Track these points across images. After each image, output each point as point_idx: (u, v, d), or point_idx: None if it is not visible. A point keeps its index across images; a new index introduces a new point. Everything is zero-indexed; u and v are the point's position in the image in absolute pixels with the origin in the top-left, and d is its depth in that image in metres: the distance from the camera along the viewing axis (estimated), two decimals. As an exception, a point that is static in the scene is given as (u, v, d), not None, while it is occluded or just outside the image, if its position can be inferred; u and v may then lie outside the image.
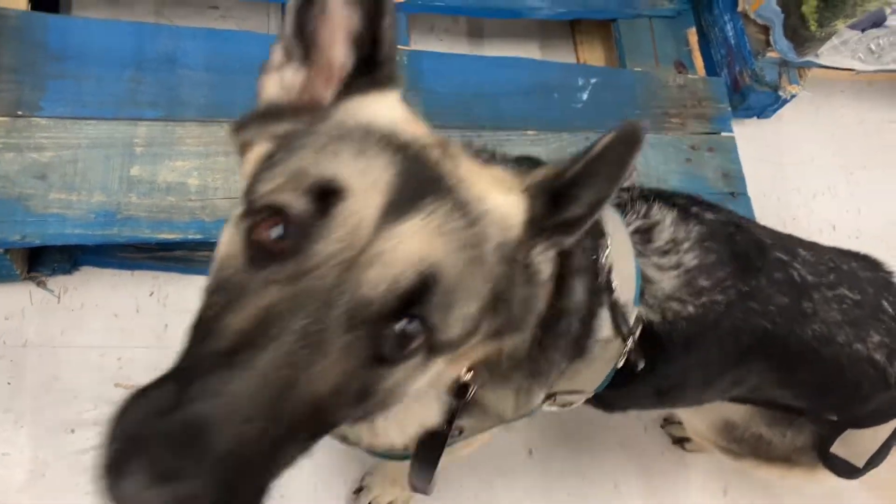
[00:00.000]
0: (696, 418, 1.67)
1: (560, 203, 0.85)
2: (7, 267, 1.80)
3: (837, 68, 2.34)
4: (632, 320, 1.16)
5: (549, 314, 1.03)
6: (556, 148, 2.07)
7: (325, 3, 0.84)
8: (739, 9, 2.39)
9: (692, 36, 2.43)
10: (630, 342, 1.16)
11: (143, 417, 0.63)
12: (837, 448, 1.42)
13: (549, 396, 1.25)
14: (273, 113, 0.88)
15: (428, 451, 1.09)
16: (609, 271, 1.14)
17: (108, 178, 1.77)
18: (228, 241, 0.79)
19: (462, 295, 0.76)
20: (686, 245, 1.22)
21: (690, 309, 1.20)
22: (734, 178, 2.18)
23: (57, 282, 1.94)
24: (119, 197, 1.76)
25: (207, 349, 0.68)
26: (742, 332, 1.24)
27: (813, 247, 1.40)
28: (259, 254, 0.74)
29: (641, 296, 1.17)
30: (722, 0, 2.46)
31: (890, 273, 1.42)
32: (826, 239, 2.56)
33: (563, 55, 2.55)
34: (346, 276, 0.70)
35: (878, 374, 1.31)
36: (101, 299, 1.96)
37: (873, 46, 2.30)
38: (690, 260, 1.21)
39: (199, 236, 1.78)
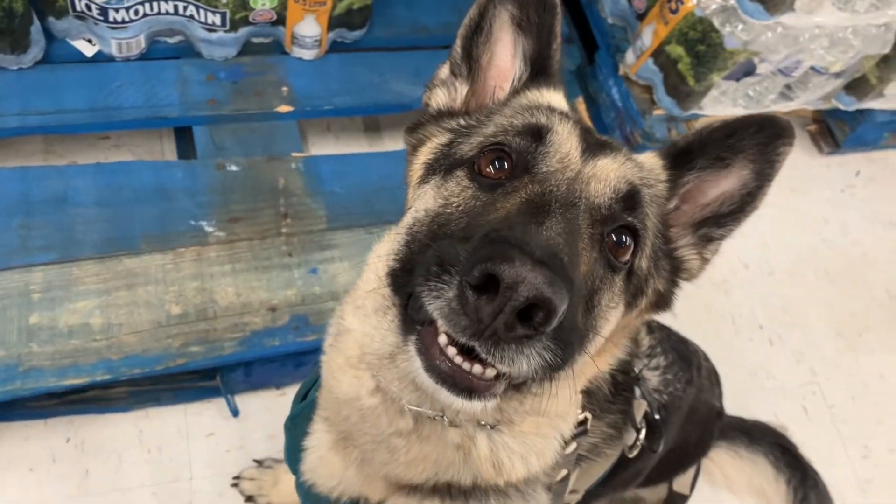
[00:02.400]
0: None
1: (678, 164, 1.01)
2: None
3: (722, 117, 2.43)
4: (640, 414, 1.27)
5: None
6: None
7: (490, 32, 1.06)
8: (621, 73, 2.48)
9: (580, 104, 2.51)
10: (643, 432, 1.27)
11: (496, 233, 0.75)
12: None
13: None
14: (445, 114, 1.08)
15: None
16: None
17: (6, 331, 1.71)
18: (436, 196, 0.94)
19: (648, 228, 0.93)
20: (658, 349, 1.42)
21: (665, 397, 1.39)
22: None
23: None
24: (19, 349, 1.70)
25: (486, 228, 0.78)
26: (685, 407, 1.46)
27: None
28: (487, 181, 0.91)
29: None
30: (604, 66, 2.55)
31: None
32: (740, 278, 2.65)
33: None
34: (573, 187, 0.87)
35: (716, 412, 1.65)
36: (15, 454, 1.87)
37: (751, 92, 2.40)
38: (662, 361, 1.42)
39: (107, 377, 1.73)
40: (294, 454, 1.22)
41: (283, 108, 2.15)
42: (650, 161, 1.02)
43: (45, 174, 1.92)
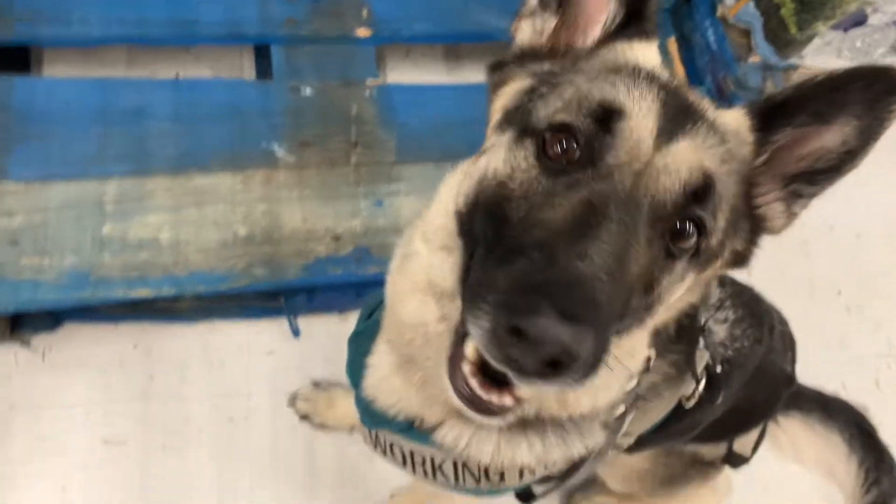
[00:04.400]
0: (617, 476, 1.81)
1: (772, 124, 0.93)
2: (-16, 331, 1.80)
3: (815, 69, 2.27)
4: (702, 364, 1.24)
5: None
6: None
7: None
8: (718, 14, 2.33)
9: (672, 45, 2.38)
10: (702, 383, 1.24)
11: (524, 274, 0.72)
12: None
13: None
14: (529, 54, 1.00)
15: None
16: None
17: (80, 240, 1.76)
18: (505, 159, 0.89)
19: (724, 202, 0.87)
20: (728, 302, 1.36)
21: (730, 352, 1.34)
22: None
23: (41, 340, 1.94)
24: (91, 258, 1.75)
25: (540, 235, 0.78)
26: (750, 366, 1.40)
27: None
28: (549, 164, 0.86)
29: None
30: (701, 6, 2.40)
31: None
32: (823, 240, 2.52)
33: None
34: (640, 182, 0.82)
35: (786, 377, 1.57)
36: (85, 355, 1.96)
37: (859, 44, 2.23)
38: (731, 315, 1.36)
39: (173, 292, 1.78)
40: (356, 369, 1.24)
41: (362, 32, 2.10)
42: (737, 121, 0.94)
43: (124, 86, 1.94)
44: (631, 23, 0.98)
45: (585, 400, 1.04)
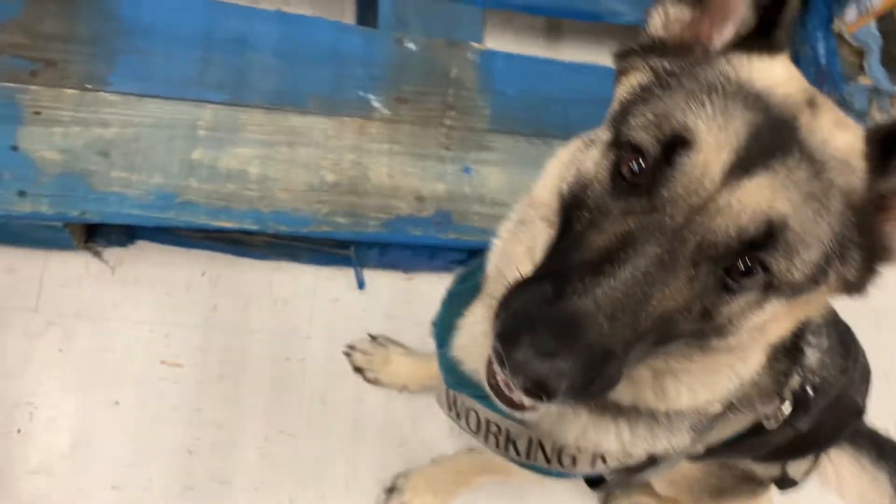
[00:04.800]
0: (665, 480, 1.78)
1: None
2: (65, 237, 1.81)
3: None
4: (792, 385, 1.22)
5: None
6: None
7: None
8: (834, 28, 2.26)
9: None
10: (788, 405, 1.23)
11: (530, 303, 0.78)
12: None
13: None
14: (655, 47, 0.96)
15: None
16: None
17: (170, 160, 1.76)
18: (596, 162, 0.89)
19: (804, 242, 0.81)
20: (823, 329, 1.30)
21: (817, 379, 1.29)
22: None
23: (112, 254, 1.96)
24: (179, 180, 1.75)
25: (577, 259, 0.81)
26: (832, 394, 1.36)
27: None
28: (620, 183, 0.85)
29: None
30: (816, 17, 2.33)
31: None
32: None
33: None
34: (693, 219, 0.79)
35: (857, 409, 1.51)
36: (154, 275, 1.97)
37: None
38: (825, 342, 1.30)
39: (255, 226, 1.77)
40: (445, 329, 1.24)
41: (475, -7, 2.06)
42: (849, 147, 0.86)
43: (229, 11, 1.92)
44: (760, 32, 0.92)
45: (686, 396, 1.03)
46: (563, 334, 0.74)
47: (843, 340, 1.39)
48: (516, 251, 1.07)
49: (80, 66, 1.77)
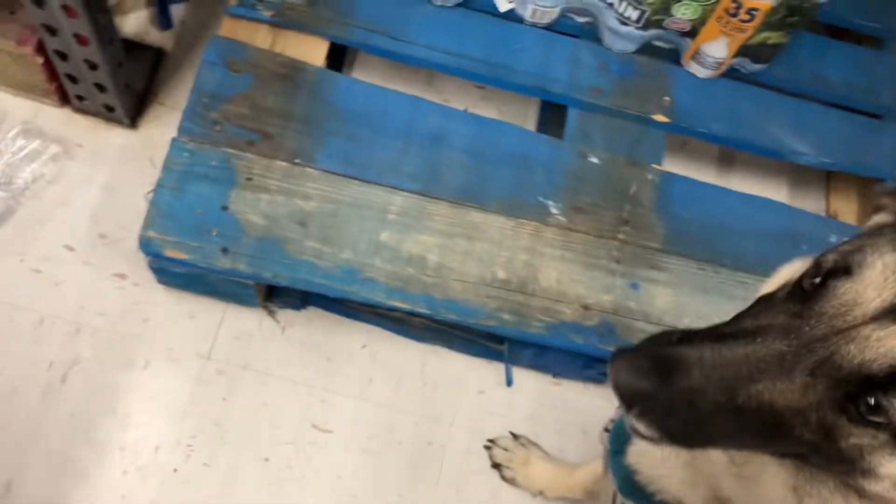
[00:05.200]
0: None
1: None
2: (250, 294, 1.95)
3: None
4: None
5: None
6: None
7: None
8: None
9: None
10: None
11: (653, 339, 0.86)
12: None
13: None
14: None
15: None
16: None
17: (360, 238, 1.87)
18: (796, 270, 0.93)
19: None
20: None
21: None
22: None
23: (285, 315, 2.08)
24: (365, 258, 1.86)
25: (715, 329, 0.87)
26: None
27: None
28: (795, 288, 0.89)
29: None
30: None
31: None
32: None
33: (812, 202, 2.45)
34: (830, 337, 0.81)
35: None
36: (320, 340, 2.07)
37: None
38: None
39: (426, 311, 1.85)
40: (621, 435, 1.25)
41: (660, 118, 2.13)
42: None
43: (432, 109, 2.06)
44: None
45: None
46: (655, 364, 0.80)
47: None
48: None
49: (293, 141, 1.93)
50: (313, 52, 2.07)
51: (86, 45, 1.82)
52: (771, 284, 1.03)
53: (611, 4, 2.05)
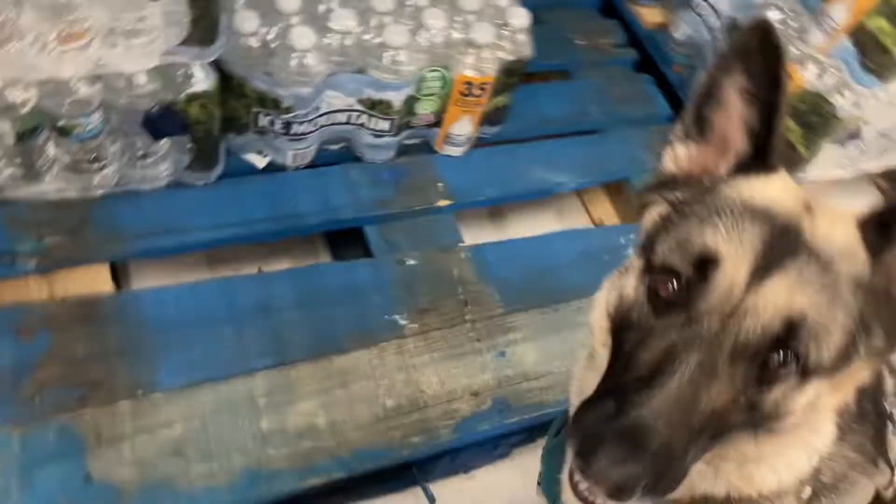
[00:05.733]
0: None
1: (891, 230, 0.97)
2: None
3: (821, 180, 2.63)
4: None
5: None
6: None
7: (722, 100, 1.05)
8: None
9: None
10: None
11: (597, 421, 0.89)
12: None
13: None
14: (668, 182, 1.09)
15: None
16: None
17: (243, 438, 1.76)
18: (634, 287, 1.01)
19: (827, 327, 0.92)
20: None
21: None
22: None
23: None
24: (257, 454, 1.74)
25: (631, 374, 0.92)
26: None
27: None
28: (659, 302, 0.96)
29: None
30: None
31: None
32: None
33: (579, 218, 2.74)
34: (726, 324, 0.90)
35: None
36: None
37: (852, 155, 2.60)
38: None
39: (342, 474, 1.78)
40: (551, 484, 1.29)
41: (443, 203, 2.27)
42: (847, 240, 0.97)
43: (245, 283, 2.01)
44: (756, 157, 1.04)
45: (770, 478, 1.10)
46: (630, 444, 0.85)
47: None
48: (589, 381, 1.11)
49: (125, 377, 1.77)
50: (96, 279, 1.91)
51: None
52: (597, 314, 1.09)
53: (362, 125, 2.16)
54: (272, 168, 2.20)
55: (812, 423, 1.05)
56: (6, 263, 1.85)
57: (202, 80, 1.84)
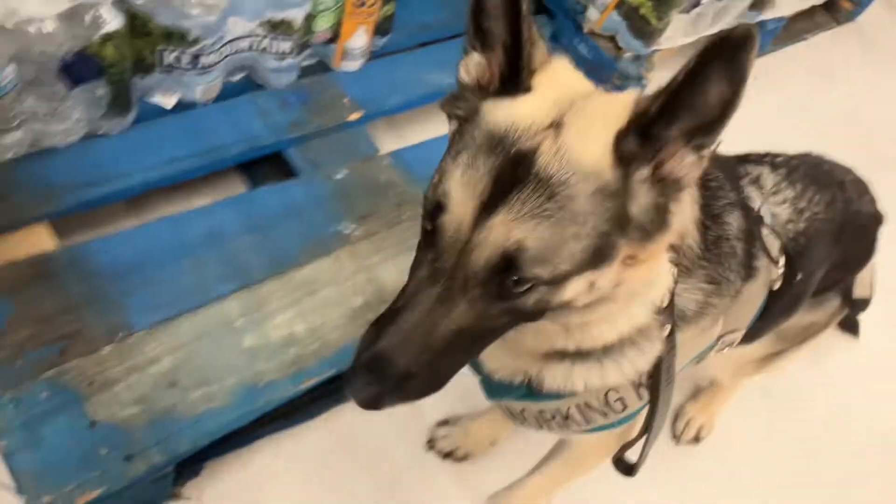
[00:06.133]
0: (729, 369, 2.10)
1: (653, 133, 0.98)
2: (166, 485, 1.76)
3: (671, 47, 2.94)
4: (776, 246, 1.48)
5: (709, 234, 1.29)
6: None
7: (489, 10, 1.03)
8: (586, 31, 2.90)
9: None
10: (782, 263, 1.48)
11: (360, 349, 1.06)
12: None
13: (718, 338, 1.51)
14: (460, 95, 1.11)
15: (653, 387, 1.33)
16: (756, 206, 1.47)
17: (230, 359, 1.81)
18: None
19: (556, 248, 0.98)
20: (783, 184, 1.59)
21: (801, 225, 1.56)
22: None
23: (191, 488, 1.90)
24: (250, 370, 1.81)
25: (394, 305, 1.06)
26: (831, 229, 1.64)
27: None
28: (424, 236, 1.07)
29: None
30: (565, 31, 2.97)
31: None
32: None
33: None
34: (460, 259, 1.00)
35: (874, 217, 1.82)
36: (233, 485, 1.94)
37: (693, 21, 2.91)
38: (790, 193, 1.59)
39: (332, 372, 1.88)
40: (476, 365, 1.46)
41: (354, 116, 2.36)
42: (591, 156, 0.98)
43: (190, 217, 2.02)
44: (510, 73, 1.05)
45: (609, 332, 1.23)
46: (372, 371, 1.02)
47: (814, 178, 1.65)
48: None
49: (100, 324, 1.76)
50: (38, 239, 1.87)
51: None
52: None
53: (264, 49, 2.19)
54: (182, 107, 2.19)
55: (631, 284, 1.12)
56: (-61, 239, 1.77)
57: (111, 21, 1.81)
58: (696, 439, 2.33)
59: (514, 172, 0.97)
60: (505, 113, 1.01)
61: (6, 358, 1.66)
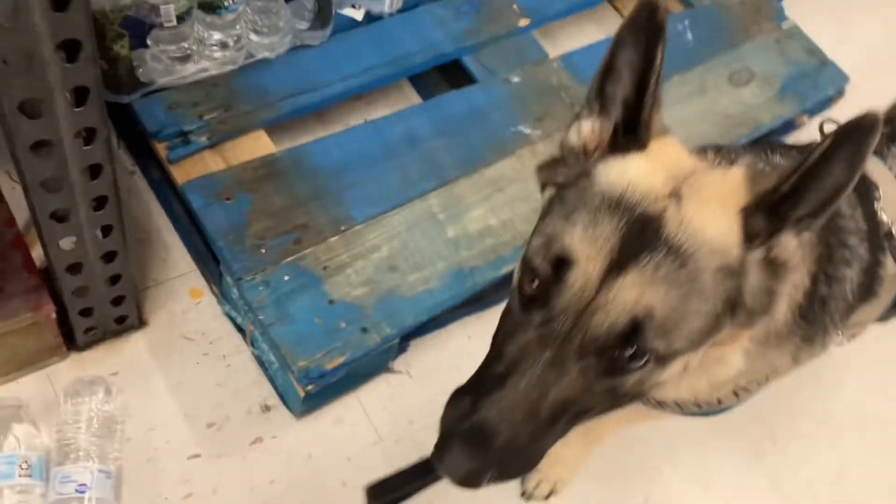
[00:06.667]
0: None
1: (780, 213, 0.95)
2: (387, 359, 2.01)
3: None
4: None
5: (821, 280, 1.17)
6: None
7: (617, 73, 0.98)
8: None
9: None
10: None
11: (453, 419, 0.97)
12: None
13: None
14: (561, 160, 1.08)
15: None
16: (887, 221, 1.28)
17: (438, 246, 2.02)
18: (516, 276, 1.04)
19: (679, 321, 0.93)
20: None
21: None
22: (815, 51, 2.75)
23: (400, 363, 2.14)
24: (455, 257, 2.01)
25: (492, 371, 0.99)
26: None
27: None
28: (524, 298, 0.99)
29: None
30: None
31: None
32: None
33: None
34: (578, 321, 0.93)
35: None
36: (437, 362, 2.17)
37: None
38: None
39: (526, 259, 2.06)
40: None
41: (523, 22, 2.48)
42: (716, 232, 0.94)
43: (389, 122, 2.22)
44: (627, 131, 1.00)
45: (703, 391, 1.21)
46: (473, 444, 0.92)
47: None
48: None
49: (325, 217, 1.99)
50: (260, 144, 2.09)
51: (111, 260, 1.70)
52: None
53: (443, -40, 2.33)
54: (373, 18, 2.35)
55: (705, 364, 1.08)
56: (182, 143, 2.00)
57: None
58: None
59: (642, 234, 0.92)
60: (619, 171, 0.98)
61: (252, 246, 1.90)
